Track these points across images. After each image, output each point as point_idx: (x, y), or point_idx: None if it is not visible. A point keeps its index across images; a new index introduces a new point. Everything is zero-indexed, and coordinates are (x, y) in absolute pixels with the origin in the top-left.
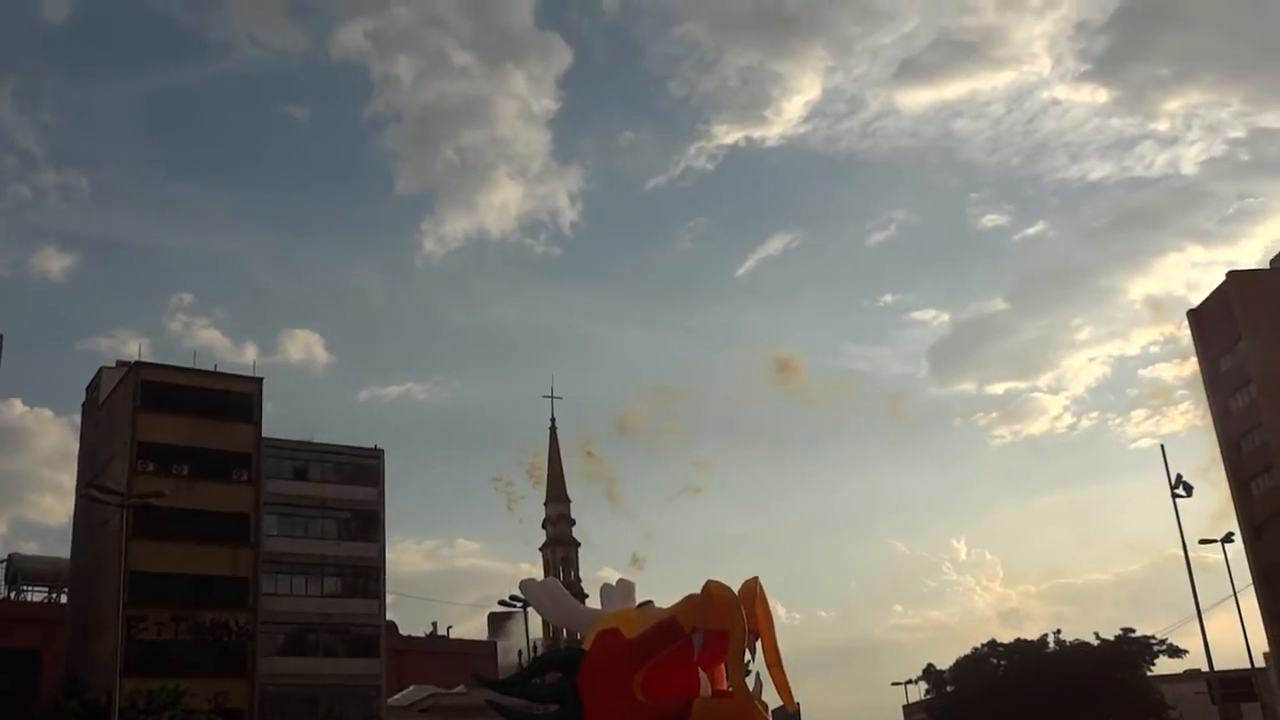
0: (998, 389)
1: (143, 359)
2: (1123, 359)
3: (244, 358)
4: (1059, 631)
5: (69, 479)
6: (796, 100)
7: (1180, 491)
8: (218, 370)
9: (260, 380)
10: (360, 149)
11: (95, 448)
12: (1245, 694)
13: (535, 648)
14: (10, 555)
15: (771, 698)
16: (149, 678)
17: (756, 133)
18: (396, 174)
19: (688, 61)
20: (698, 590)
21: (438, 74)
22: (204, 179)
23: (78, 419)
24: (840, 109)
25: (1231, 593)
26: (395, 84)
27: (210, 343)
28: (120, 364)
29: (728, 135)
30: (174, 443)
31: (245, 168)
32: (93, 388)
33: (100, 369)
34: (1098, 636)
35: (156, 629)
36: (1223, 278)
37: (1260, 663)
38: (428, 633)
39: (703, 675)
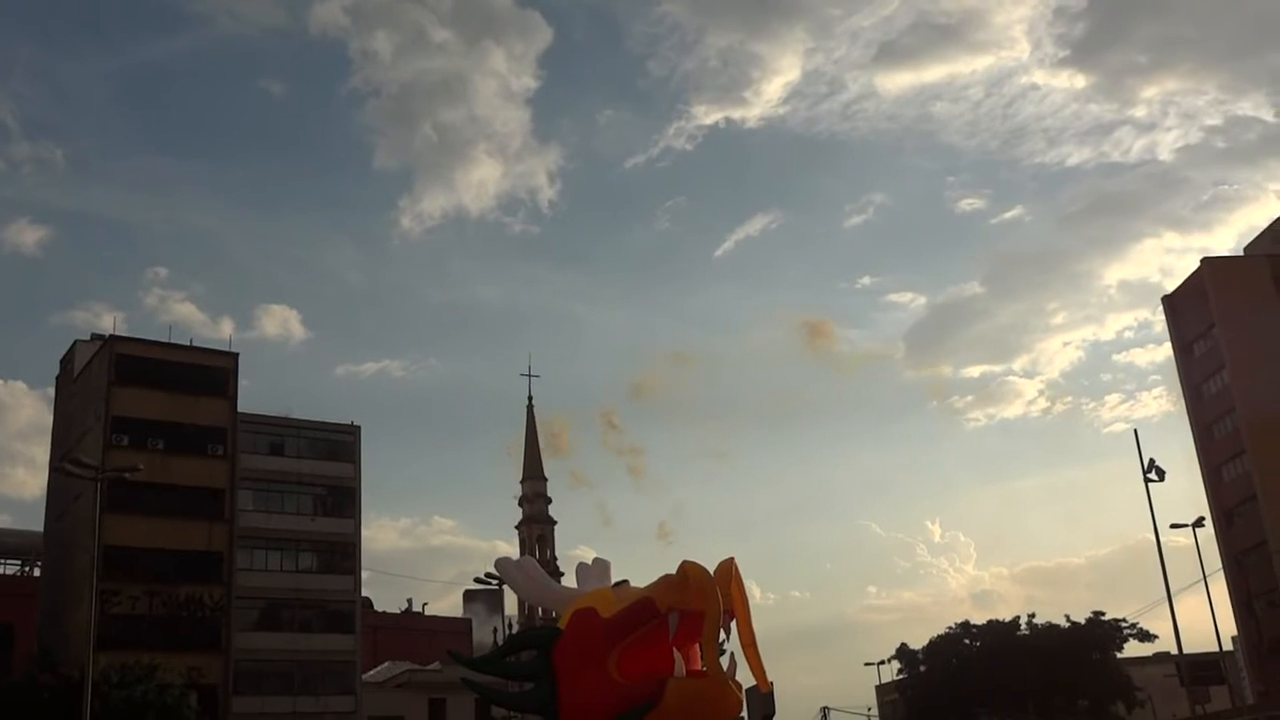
0: (973, 372)
1: (117, 333)
2: (1097, 344)
3: (220, 333)
4: (1033, 616)
5: (42, 452)
6: (776, 81)
7: (1153, 476)
8: (193, 345)
9: (236, 355)
10: (338, 125)
11: (69, 421)
12: (1213, 677)
13: (511, 626)
14: None
15: (745, 677)
16: (122, 652)
17: (736, 113)
18: (374, 150)
19: (668, 41)
20: (673, 570)
21: (417, 51)
22: (180, 152)
23: (52, 392)
24: (820, 90)
25: (1202, 577)
26: (374, 60)
27: (186, 317)
28: (95, 337)
29: (707, 116)
30: (149, 417)
31: (222, 142)
32: (66, 361)
33: (74, 342)
34: (1069, 619)
35: (130, 603)
36: (1197, 264)
37: (1229, 646)
38: (403, 609)
39: (677, 655)
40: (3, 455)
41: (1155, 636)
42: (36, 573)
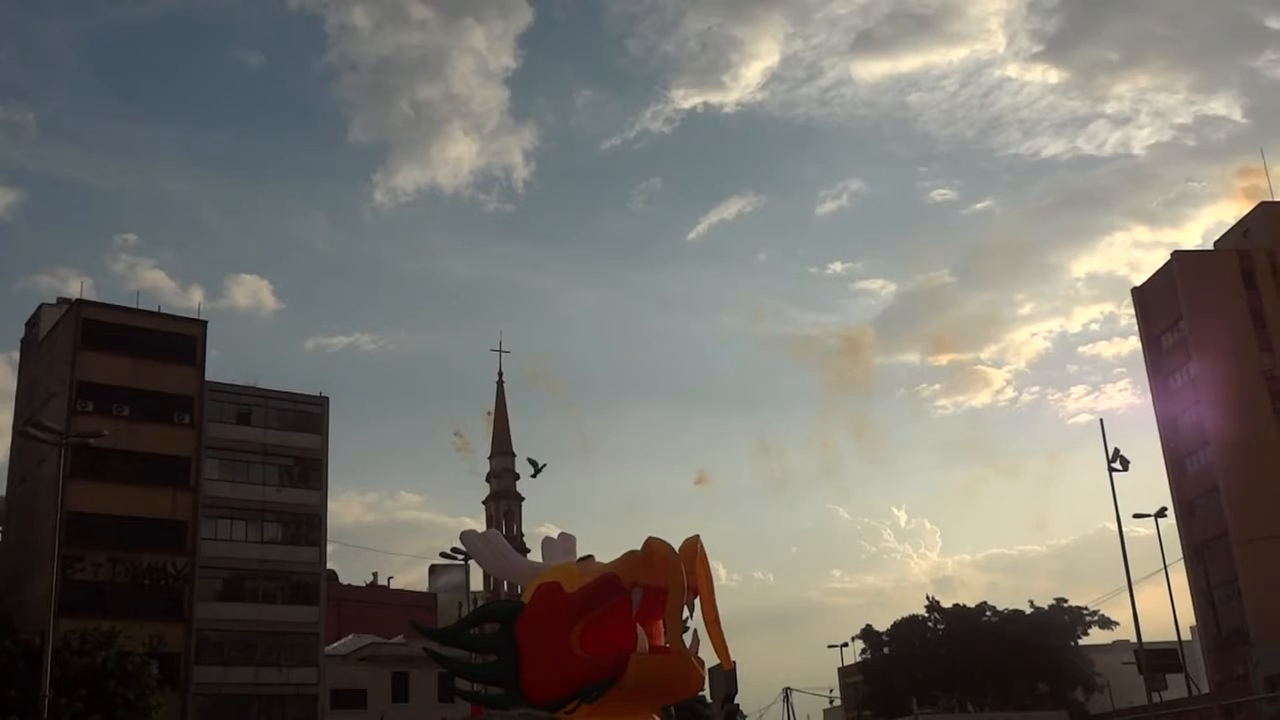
0: (941, 360)
1: (85, 298)
2: (1064, 335)
3: (190, 301)
4: (994, 609)
5: (6, 416)
6: (755, 66)
7: (1117, 465)
8: (161, 311)
9: (204, 323)
10: (313, 97)
11: (34, 385)
12: (1171, 665)
13: (475, 600)
14: None
15: (708, 655)
16: (84, 619)
17: (714, 98)
18: (350, 123)
19: (647, 21)
20: (639, 547)
21: (395, 26)
22: (153, 118)
23: (16, 356)
24: (798, 75)
25: (1163, 567)
26: (351, 34)
27: (155, 285)
28: (61, 301)
29: (685, 100)
30: (115, 383)
31: (196, 109)
32: (32, 324)
33: (40, 305)
34: (1032, 605)
35: (93, 570)
36: (1164, 258)
37: (1187, 636)
38: (368, 583)
39: (640, 631)
40: None
41: (1116, 624)
42: None
